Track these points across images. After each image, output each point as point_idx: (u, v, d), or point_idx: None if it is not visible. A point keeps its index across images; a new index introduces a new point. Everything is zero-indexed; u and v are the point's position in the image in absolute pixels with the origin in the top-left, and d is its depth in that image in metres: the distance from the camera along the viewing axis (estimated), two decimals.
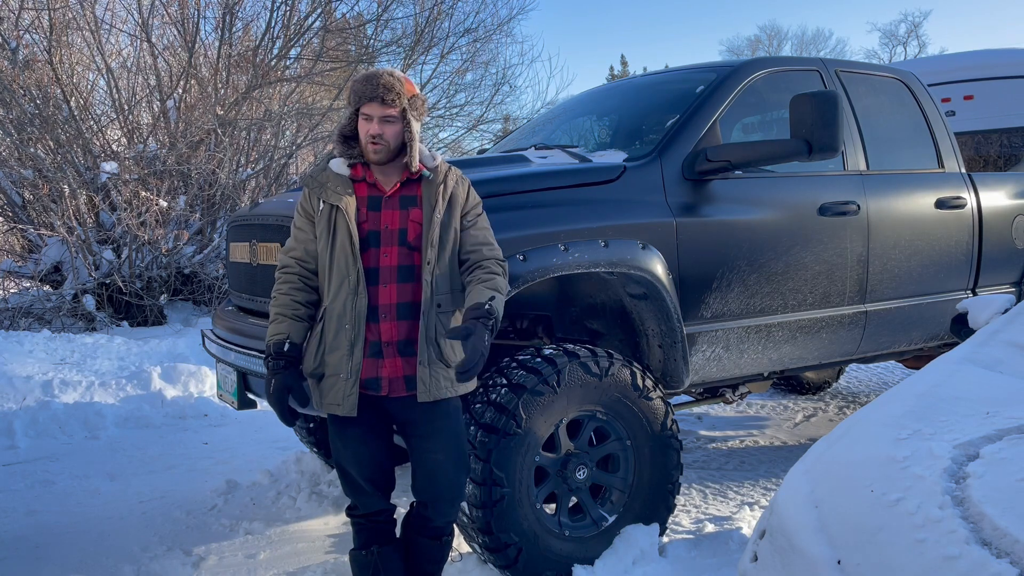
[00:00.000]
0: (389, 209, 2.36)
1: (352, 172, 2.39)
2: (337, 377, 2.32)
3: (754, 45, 52.14)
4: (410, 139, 2.34)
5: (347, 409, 2.32)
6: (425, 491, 2.45)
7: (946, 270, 4.14)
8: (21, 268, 8.97)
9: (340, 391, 2.32)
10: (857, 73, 4.10)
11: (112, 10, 9.78)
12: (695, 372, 3.35)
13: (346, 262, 2.32)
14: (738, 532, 3.35)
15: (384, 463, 2.49)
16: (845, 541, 1.43)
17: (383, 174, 2.39)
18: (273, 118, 9.77)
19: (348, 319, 2.30)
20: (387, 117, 2.30)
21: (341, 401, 2.32)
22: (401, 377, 2.35)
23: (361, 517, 2.52)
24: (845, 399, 6.07)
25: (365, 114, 2.32)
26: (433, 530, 2.51)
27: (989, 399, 1.80)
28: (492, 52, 14.42)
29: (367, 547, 2.49)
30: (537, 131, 4.49)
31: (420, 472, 2.45)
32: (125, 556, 3.27)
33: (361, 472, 2.44)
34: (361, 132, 2.35)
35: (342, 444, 2.44)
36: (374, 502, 2.49)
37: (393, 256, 2.34)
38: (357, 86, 2.34)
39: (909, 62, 7.06)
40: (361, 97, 2.31)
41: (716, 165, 3.26)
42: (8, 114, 8.32)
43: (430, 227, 2.33)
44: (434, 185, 2.38)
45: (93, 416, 5.27)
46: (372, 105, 2.30)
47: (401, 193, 2.38)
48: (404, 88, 2.32)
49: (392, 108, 2.30)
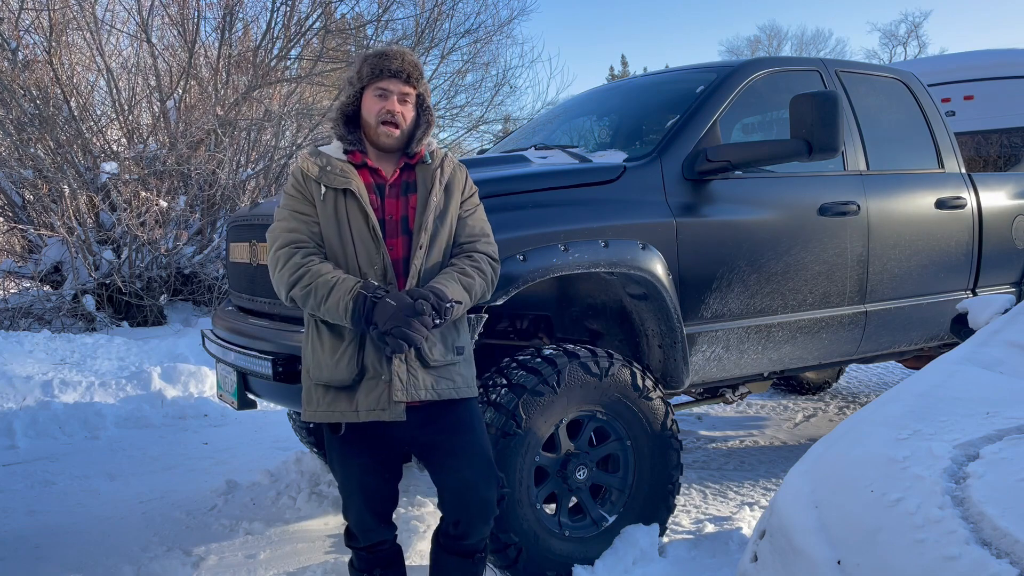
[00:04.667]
0: (392, 197, 2.18)
1: (351, 157, 2.20)
2: (378, 380, 2.11)
3: (754, 45, 52.16)
4: (428, 122, 2.20)
5: (395, 414, 2.10)
6: (455, 511, 2.25)
7: (946, 270, 4.14)
8: (21, 268, 8.98)
9: (384, 394, 2.10)
10: (857, 73, 4.10)
11: (112, 10, 9.79)
12: (695, 372, 3.35)
13: (367, 252, 2.12)
14: (738, 532, 3.35)
15: (392, 493, 2.32)
16: (845, 541, 1.43)
17: (382, 160, 2.22)
18: (273, 118, 9.77)
19: None
20: (405, 97, 2.15)
21: (387, 405, 2.10)
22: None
23: (362, 549, 2.34)
24: (845, 399, 6.07)
25: (382, 89, 2.14)
26: (466, 548, 2.30)
27: (989, 399, 1.80)
28: (492, 53, 14.43)
29: (369, 571, 2.35)
30: (537, 131, 4.49)
31: (448, 492, 2.24)
32: (125, 556, 3.27)
33: (367, 504, 2.26)
34: (371, 110, 2.15)
35: (346, 471, 2.24)
36: (377, 533, 2.31)
37: (399, 248, 2.16)
38: (374, 59, 2.14)
39: (909, 62, 7.06)
40: (381, 72, 2.12)
41: (716, 165, 3.26)
42: (8, 114, 8.32)
43: (424, 210, 2.15)
44: (430, 169, 2.21)
45: (93, 416, 5.27)
46: (393, 81, 2.13)
47: (402, 179, 2.21)
48: (423, 71, 2.19)
49: (412, 88, 2.15)
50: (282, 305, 3.03)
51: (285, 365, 2.83)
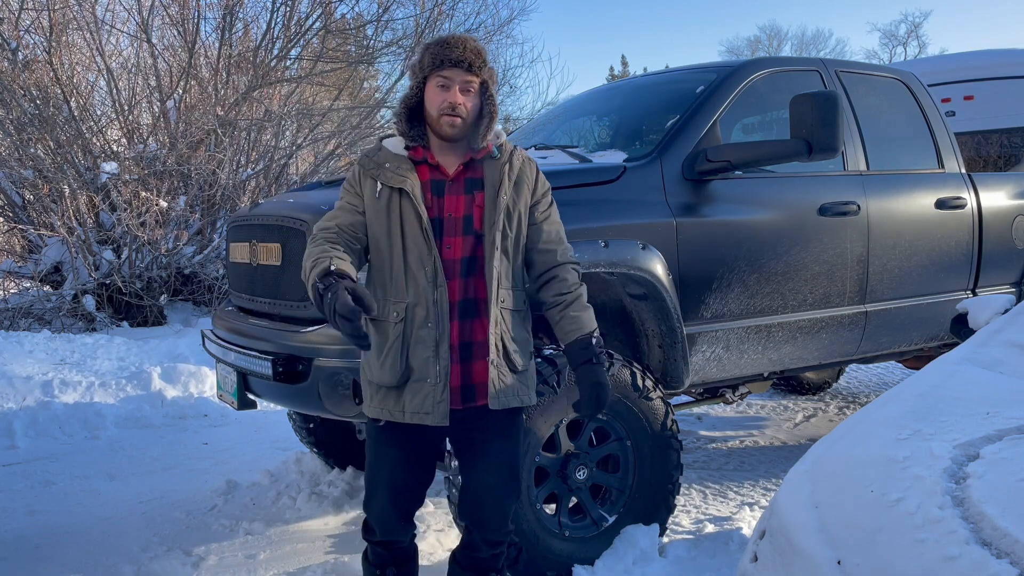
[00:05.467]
0: (453, 195, 2.10)
1: (411, 153, 2.12)
2: (424, 383, 2.05)
3: (754, 45, 52.17)
4: (492, 114, 2.10)
5: (439, 418, 2.05)
6: (470, 513, 2.24)
7: (946, 270, 4.14)
8: (21, 268, 8.98)
9: (429, 398, 2.05)
10: (857, 73, 4.10)
11: (112, 10, 9.79)
12: (695, 372, 3.35)
13: (418, 252, 2.06)
14: (738, 532, 3.35)
15: (420, 492, 2.26)
16: (845, 541, 1.43)
17: (445, 155, 2.12)
18: (273, 118, 9.77)
19: (431, 316, 2.04)
20: (469, 85, 2.06)
21: (431, 409, 2.05)
22: (459, 387, 2.10)
23: (379, 544, 2.27)
24: (845, 399, 6.07)
25: (445, 78, 2.05)
26: (478, 562, 2.28)
27: (989, 399, 1.80)
28: (492, 53, 14.40)
29: (383, 568, 2.29)
30: (537, 131, 4.49)
31: (467, 493, 2.23)
32: (125, 556, 3.27)
33: (393, 500, 2.20)
34: (434, 102, 2.06)
35: (378, 463, 2.20)
36: (397, 530, 2.25)
37: (457, 248, 2.08)
38: (436, 49, 2.06)
39: (909, 62, 7.06)
40: (442, 61, 2.04)
41: (716, 165, 3.26)
42: (8, 114, 8.32)
43: (495, 209, 2.08)
44: (499, 164, 2.12)
45: (93, 416, 5.26)
46: (455, 71, 2.04)
47: (465, 176, 2.12)
48: (487, 57, 2.10)
49: (476, 76, 2.06)
50: (282, 305, 3.03)
51: (285, 365, 2.83)
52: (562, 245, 2.22)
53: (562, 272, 2.18)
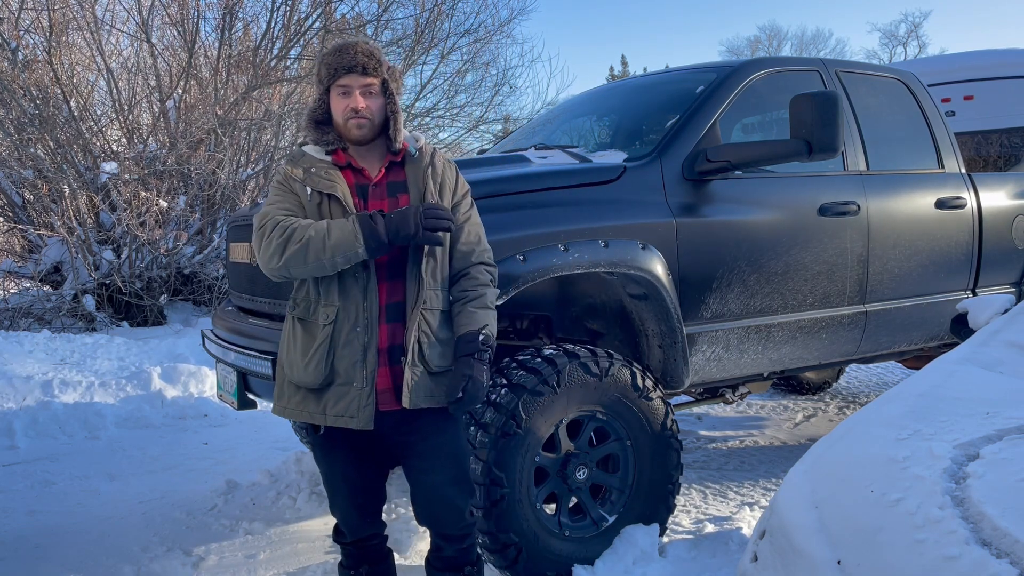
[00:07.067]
0: (376, 198, 2.13)
1: (334, 158, 2.15)
2: (349, 386, 2.08)
3: (754, 45, 52.17)
4: (394, 112, 2.13)
5: (363, 422, 2.07)
6: (424, 515, 2.28)
7: (946, 270, 4.14)
8: (21, 268, 8.98)
9: (354, 402, 2.07)
10: (857, 73, 4.10)
11: (112, 10, 9.80)
12: (695, 372, 3.35)
13: None
14: (738, 532, 3.35)
15: (377, 487, 2.30)
16: (845, 541, 1.43)
17: (365, 158, 2.16)
18: (273, 118, 9.77)
19: (361, 321, 2.07)
20: (368, 88, 2.09)
21: (356, 413, 2.07)
22: (390, 388, 2.11)
23: (351, 545, 2.34)
24: (845, 399, 6.07)
25: (343, 87, 2.09)
26: (447, 561, 2.32)
27: (989, 399, 1.80)
28: (492, 53, 14.40)
29: (356, 568, 2.34)
30: (537, 131, 4.49)
31: (417, 495, 2.26)
32: (125, 556, 3.27)
33: (351, 498, 2.26)
34: (338, 110, 2.11)
35: (329, 466, 2.25)
36: (363, 528, 2.31)
37: None
38: (330, 59, 2.10)
39: (909, 62, 7.06)
40: (337, 70, 2.08)
41: (716, 165, 3.26)
42: (8, 114, 8.32)
43: None
44: (421, 166, 2.16)
45: (93, 416, 5.27)
46: (351, 76, 2.08)
47: (388, 179, 2.16)
48: (383, 57, 2.12)
49: (373, 78, 2.09)
50: (282, 305, 3.03)
51: None
52: (480, 246, 2.24)
53: (474, 271, 2.20)
